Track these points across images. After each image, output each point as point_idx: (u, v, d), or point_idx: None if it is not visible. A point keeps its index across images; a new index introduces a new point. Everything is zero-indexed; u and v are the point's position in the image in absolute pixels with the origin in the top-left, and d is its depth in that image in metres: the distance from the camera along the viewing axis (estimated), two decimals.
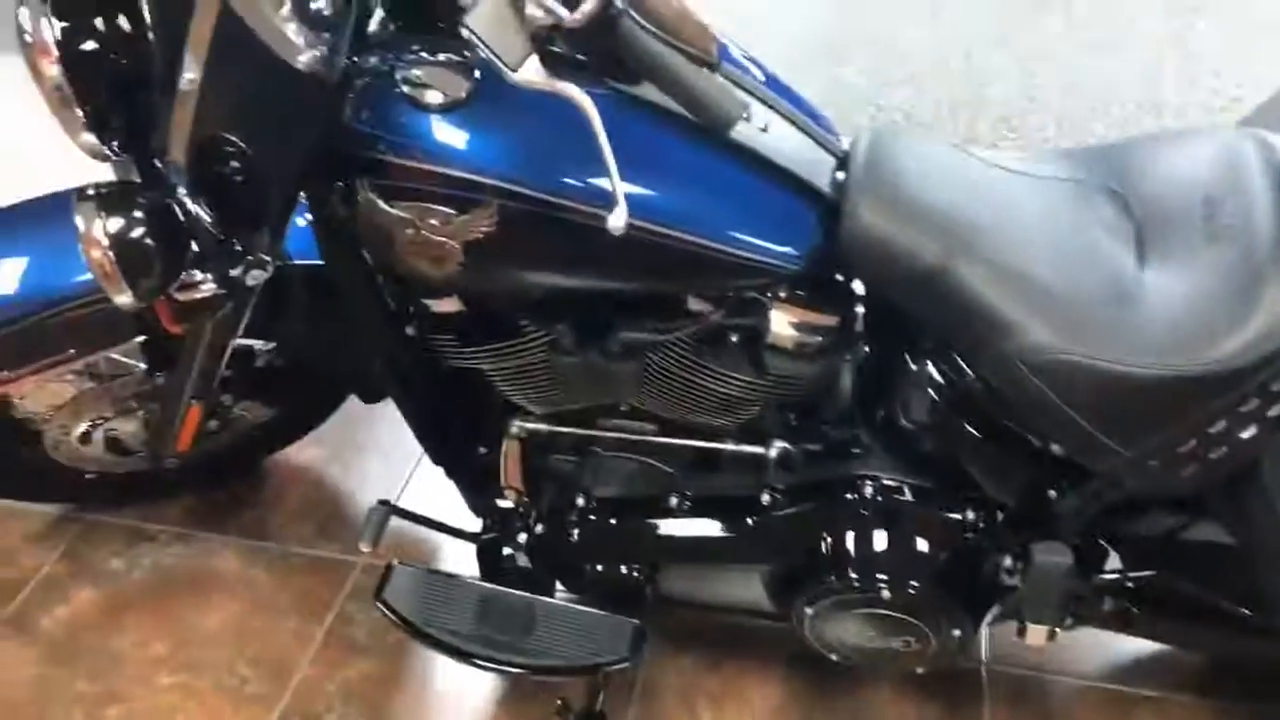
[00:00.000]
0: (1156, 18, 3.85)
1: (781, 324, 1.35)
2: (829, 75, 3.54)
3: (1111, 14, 3.88)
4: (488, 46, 0.95)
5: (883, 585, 1.40)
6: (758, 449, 1.47)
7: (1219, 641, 1.51)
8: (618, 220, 1.04)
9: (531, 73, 0.98)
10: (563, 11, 0.99)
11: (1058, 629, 1.42)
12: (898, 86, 3.46)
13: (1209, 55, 3.55)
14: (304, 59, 1.04)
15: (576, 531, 1.55)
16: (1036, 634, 1.42)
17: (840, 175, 1.30)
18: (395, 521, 1.59)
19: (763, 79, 1.36)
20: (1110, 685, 1.73)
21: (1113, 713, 1.69)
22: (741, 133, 1.25)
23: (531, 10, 0.98)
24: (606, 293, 1.30)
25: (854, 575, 1.41)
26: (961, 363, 1.32)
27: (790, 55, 3.65)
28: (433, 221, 1.18)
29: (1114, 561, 1.49)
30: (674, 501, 1.51)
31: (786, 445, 1.46)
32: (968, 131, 3.22)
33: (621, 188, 1.04)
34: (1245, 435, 1.19)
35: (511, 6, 0.96)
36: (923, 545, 1.41)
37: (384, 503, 1.58)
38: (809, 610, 1.46)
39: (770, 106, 1.32)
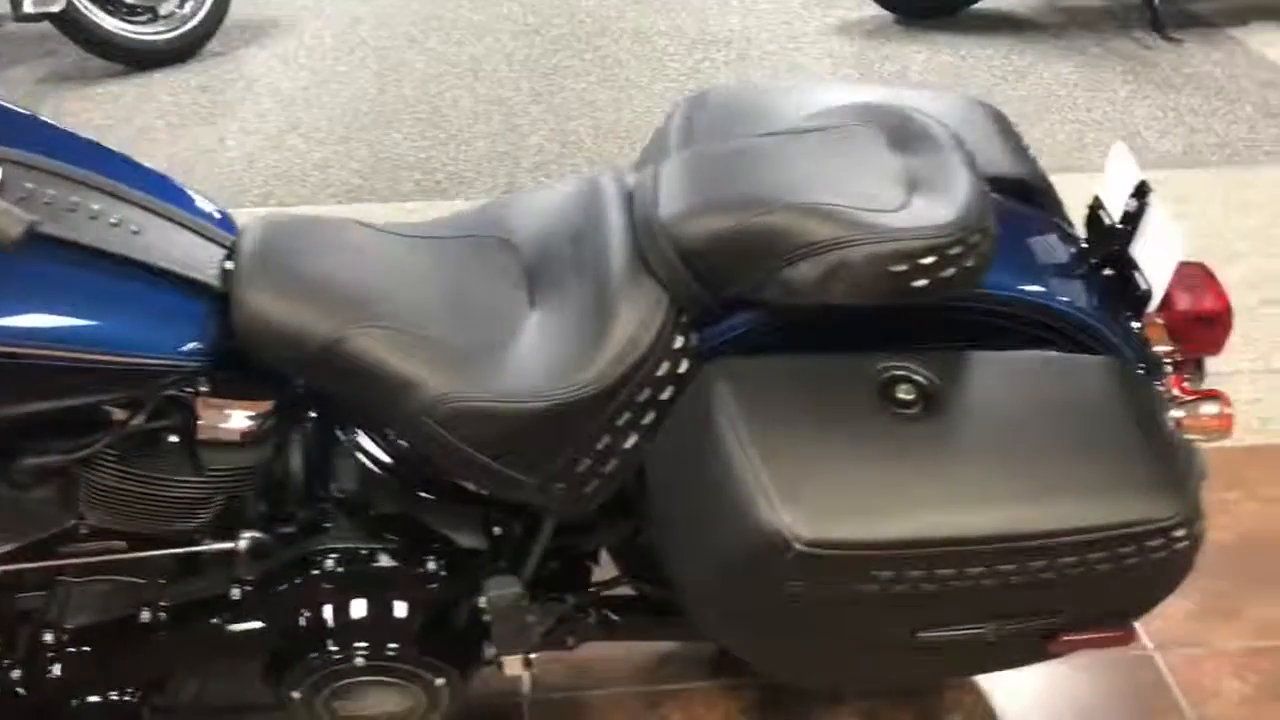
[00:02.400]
0: (678, 58, 4.20)
1: (210, 418, 1.35)
2: (377, 141, 3.59)
3: (641, 58, 4.19)
4: None
5: (356, 654, 1.43)
6: (228, 544, 1.45)
7: (687, 631, 1.65)
8: None
9: None
10: None
11: (532, 655, 1.50)
12: (442, 146, 3.57)
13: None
14: None
15: (55, 669, 1.47)
16: (513, 664, 1.49)
17: (230, 265, 1.33)
18: None
19: (141, 184, 1.35)
20: (640, 687, 1.84)
21: (642, 713, 1.80)
22: (108, 239, 1.24)
23: None
24: None
25: (329, 650, 1.43)
26: (382, 425, 1.38)
27: (338, 127, 3.69)
28: None
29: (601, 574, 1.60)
30: (147, 616, 1.46)
31: (257, 535, 1.46)
32: (508, 181, 3.37)
33: None
34: (628, 445, 1.31)
35: None
36: (390, 605, 1.45)
37: None
38: (295, 694, 1.46)
39: (147, 209, 1.32)
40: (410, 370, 1.28)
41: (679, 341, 1.29)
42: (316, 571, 1.43)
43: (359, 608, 1.44)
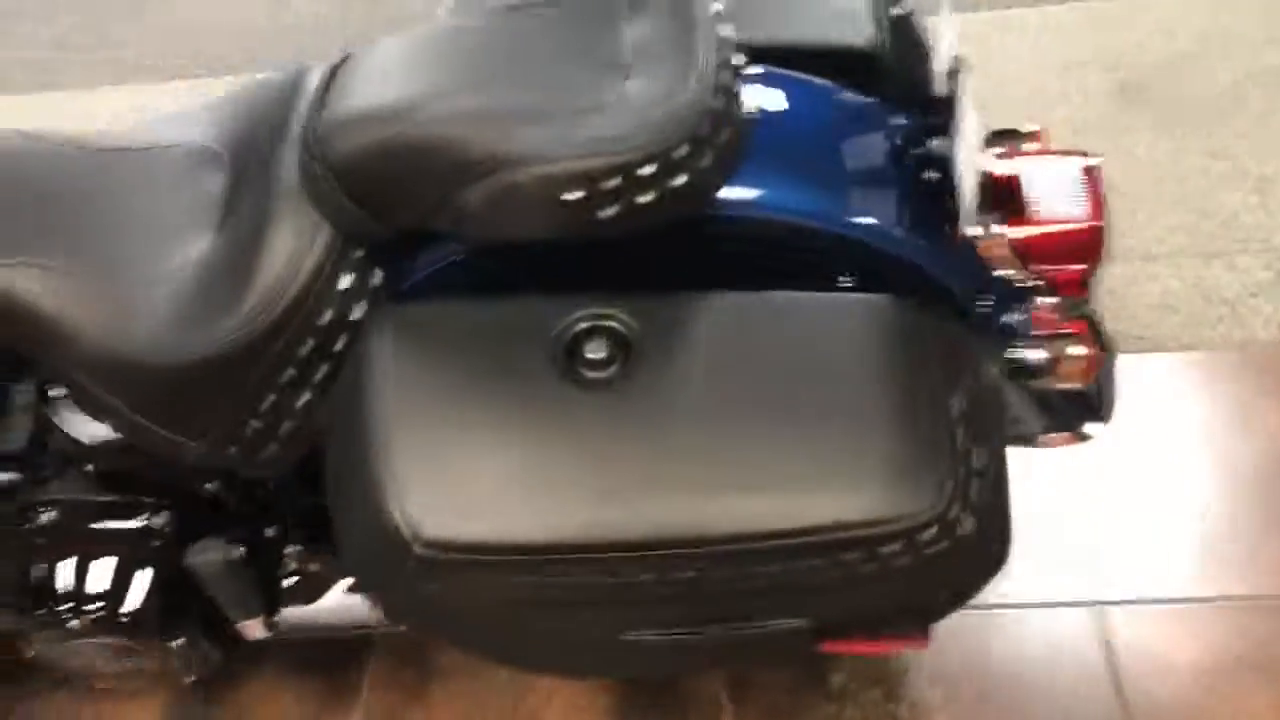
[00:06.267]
0: None
1: None
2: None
3: None
4: None
5: (78, 612, 1.31)
6: None
7: None
8: None
9: None
10: None
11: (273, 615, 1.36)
12: None
13: None
14: None
15: None
16: (253, 628, 1.35)
17: None
18: None
19: None
20: None
21: None
22: None
23: None
24: None
25: (51, 608, 1.32)
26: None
27: None
28: None
29: None
30: None
31: None
32: None
33: None
34: (300, 404, 1.11)
35: None
36: (110, 563, 1.32)
37: None
38: (32, 652, 1.37)
39: None
40: (55, 317, 1.11)
41: (345, 282, 1.06)
42: (28, 525, 1.31)
43: (74, 565, 1.32)
